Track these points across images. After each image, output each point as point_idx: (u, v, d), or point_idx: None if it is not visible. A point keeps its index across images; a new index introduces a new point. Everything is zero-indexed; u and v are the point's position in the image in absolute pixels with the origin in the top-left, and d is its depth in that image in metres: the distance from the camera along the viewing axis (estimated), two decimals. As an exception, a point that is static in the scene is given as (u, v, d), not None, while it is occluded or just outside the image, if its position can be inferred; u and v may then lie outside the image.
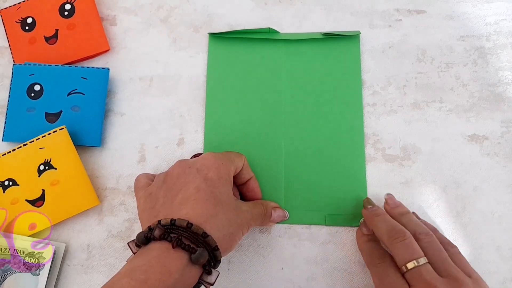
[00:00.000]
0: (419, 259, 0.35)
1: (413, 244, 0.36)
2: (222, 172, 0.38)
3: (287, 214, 0.43)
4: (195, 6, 0.50)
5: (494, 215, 0.43)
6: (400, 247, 0.36)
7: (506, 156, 0.45)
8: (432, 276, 0.34)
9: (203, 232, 0.33)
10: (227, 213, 0.36)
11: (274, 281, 0.43)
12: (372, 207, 0.41)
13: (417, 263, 0.35)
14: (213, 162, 0.38)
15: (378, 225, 0.39)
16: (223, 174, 0.38)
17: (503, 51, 0.48)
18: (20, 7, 0.49)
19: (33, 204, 0.43)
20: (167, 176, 0.38)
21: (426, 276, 0.34)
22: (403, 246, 0.36)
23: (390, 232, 0.37)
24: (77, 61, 0.49)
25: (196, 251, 0.33)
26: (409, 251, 0.35)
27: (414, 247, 0.36)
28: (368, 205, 0.42)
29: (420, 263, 0.35)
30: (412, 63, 0.48)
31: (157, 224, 0.34)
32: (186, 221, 0.33)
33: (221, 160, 0.38)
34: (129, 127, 0.47)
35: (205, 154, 0.39)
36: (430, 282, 0.34)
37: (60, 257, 0.43)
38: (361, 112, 0.46)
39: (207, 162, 0.38)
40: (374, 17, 0.49)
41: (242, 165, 0.41)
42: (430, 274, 0.34)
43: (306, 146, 0.45)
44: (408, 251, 0.35)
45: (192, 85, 0.48)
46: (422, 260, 0.35)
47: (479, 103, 0.46)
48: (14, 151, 0.44)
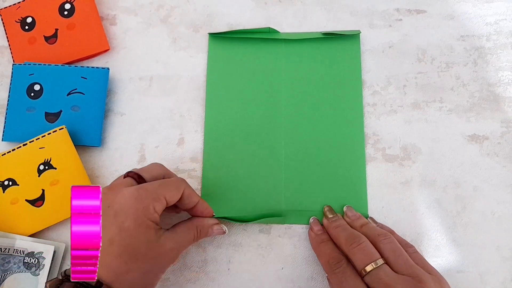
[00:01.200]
0: (377, 260, 0.36)
1: (370, 248, 0.37)
2: (141, 219, 0.34)
3: (226, 230, 0.41)
4: (195, 6, 0.50)
5: (494, 215, 0.43)
6: (357, 252, 0.37)
7: (506, 156, 0.45)
8: (391, 277, 0.35)
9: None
10: (142, 266, 0.34)
11: (274, 281, 0.43)
12: (333, 217, 0.42)
13: (375, 265, 0.36)
14: (132, 206, 0.34)
15: (338, 234, 0.40)
16: (142, 221, 0.34)
17: (503, 51, 0.48)
18: (20, 7, 0.49)
19: (33, 204, 0.43)
20: None
21: (384, 278, 0.35)
22: (360, 251, 0.37)
23: (348, 238, 0.38)
24: (77, 60, 0.49)
25: None
26: (367, 254, 0.37)
27: (371, 251, 0.37)
28: (330, 214, 0.42)
29: (377, 265, 0.36)
30: (412, 63, 0.48)
31: (64, 277, 0.33)
32: (97, 280, 0.32)
33: (143, 202, 0.35)
34: (129, 127, 0.47)
35: (126, 191, 0.35)
36: (389, 283, 0.34)
37: (60, 257, 0.43)
38: (361, 112, 0.46)
39: (125, 205, 0.34)
40: (374, 17, 0.49)
41: (178, 197, 0.37)
42: (388, 275, 0.35)
43: (306, 146, 0.45)
44: (366, 255, 0.37)
45: (192, 85, 0.48)
46: (379, 261, 0.36)
47: (479, 103, 0.46)
48: (14, 151, 0.44)
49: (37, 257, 0.41)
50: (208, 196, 0.44)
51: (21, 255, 0.41)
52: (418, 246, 0.43)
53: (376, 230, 0.39)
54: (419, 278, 0.35)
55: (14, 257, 0.41)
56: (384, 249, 0.37)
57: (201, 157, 0.46)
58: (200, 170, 0.45)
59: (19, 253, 0.41)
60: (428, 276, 0.35)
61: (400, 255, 0.37)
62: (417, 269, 0.36)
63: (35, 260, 0.41)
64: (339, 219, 0.42)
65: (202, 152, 0.46)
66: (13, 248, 0.41)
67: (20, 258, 0.41)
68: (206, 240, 0.44)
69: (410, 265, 0.36)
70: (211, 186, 0.45)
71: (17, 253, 0.41)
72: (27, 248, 0.42)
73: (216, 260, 0.43)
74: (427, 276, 0.35)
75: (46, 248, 0.42)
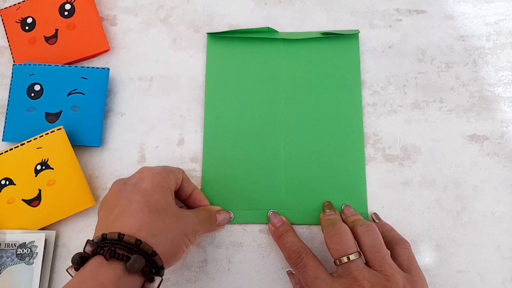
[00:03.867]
0: (351, 254, 0.36)
1: (348, 240, 0.37)
2: (157, 180, 0.37)
3: (232, 214, 0.43)
4: (195, 6, 0.50)
5: (494, 215, 0.43)
6: (335, 242, 0.37)
7: (506, 156, 0.45)
8: (360, 271, 0.35)
9: (136, 240, 0.32)
10: (165, 219, 0.35)
11: (274, 281, 0.43)
12: (330, 211, 0.42)
13: (349, 258, 0.36)
14: (148, 174, 0.37)
15: (324, 223, 0.40)
16: (158, 182, 0.37)
17: (503, 51, 0.48)
18: (20, 7, 0.49)
19: (29, 204, 0.43)
20: (105, 196, 0.38)
21: (354, 271, 0.35)
22: (338, 241, 0.37)
23: (330, 227, 0.39)
24: (77, 61, 0.49)
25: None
26: (343, 245, 0.37)
27: (348, 243, 0.37)
28: (327, 209, 0.42)
29: (350, 259, 0.36)
30: (412, 63, 0.48)
31: (88, 241, 0.33)
32: (117, 233, 0.32)
33: (156, 170, 0.38)
34: (129, 127, 0.47)
35: (141, 169, 0.38)
36: (356, 277, 0.35)
37: (52, 243, 0.43)
38: (360, 112, 0.46)
39: (142, 175, 0.37)
40: (374, 17, 0.49)
41: (181, 176, 0.40)
42: (358, 269, 0.35)
43: (306, 146, 0.45)
44: (342, 246, 0.37)
45: (192, 85, 0.48)
46: (354, 256, 0.36)
47: (479, 103, 0.46)
48: (12, 151, 0.44)
49: (29, 247, 0.42)
50: (208, 196, 0.44)
51: (13, 248, 0.42)
52: (418, 246, 0.43)
53: (362, 221, 0.39)
54: (389, 276, 0.35)
55: (7, 251, 0.42)
56: (364, 242, 0.37)
57: (201, 157, 0.46)
58: (200, 170, 0.45)
59: (11, 246, 0.42)
60: (401, 276, 0.35)
61: (378, 251, 0.37)
62: (391, 268, 0.36)
63: (27, 250, 0.42)
64: (334, 214, 0.42)
65: (202, 152, 0.46)
66: (4, 243, 0.42)
67: (13, 251, 0.42)
68: (206, 239, 0.44)
69: (385, 262, 0.36)
70: (211, 186, 0.45)
71: (9, 247, 0.42)
72: (18, 240, 0.42)
73: (216, 260, 0.43)
74: (399, 276, 0.35)
75: (37, 236, 0.42)
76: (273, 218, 0.42)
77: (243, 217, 0.43)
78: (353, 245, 0.37)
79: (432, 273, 0.42)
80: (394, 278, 0.35)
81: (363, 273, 0.35)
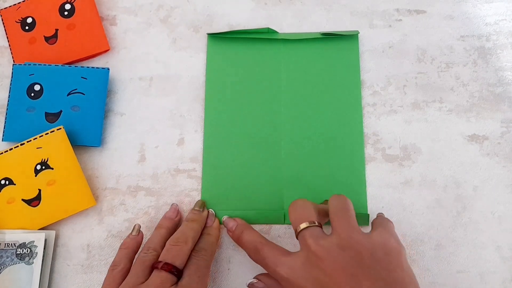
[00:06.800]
0: (308, 221, 0.35)
1: (308, 210, 0.36)
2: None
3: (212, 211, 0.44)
4: (195, 6, 0.50)
5: (494, 215, 0.43)
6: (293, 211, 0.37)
7: (506, 156, 0.45)
8: (313, 237, 0.34)
9: None
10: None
11: (274, 281, 0.43)
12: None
13: (305, 225, 0.35)
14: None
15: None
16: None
17: (503, 51, 0.48)
18: (20, 7, 0.49)
19: (29, 204, 0.43)
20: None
21: (307, 239, 0.34)
22: (297, 210, 0.37)
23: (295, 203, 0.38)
24: (77, 61, 0.49)
25: None
26: (302, 214, 0.36)
27: (308, 213, 0.36)
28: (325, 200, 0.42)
29: (307, 225, 0.35)
30: (412, 63, 0.48)
31: None
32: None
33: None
34: (129, 127, 0.47)
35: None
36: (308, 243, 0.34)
37: (52, 243, 0.43)
38: (360, 112, 0.46)
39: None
40: (374, 17, 0.49)
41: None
42: (312, 236, 0.34)
43: (306, 146, 0.45)
44: (301, 214, 0.36)
45: (192, 85, 0.48)
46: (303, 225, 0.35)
47: (479, 103, 0.46)
48: (11, 150, 0.44)
49: (29, 247, 0.42)
50: (208, 196, 0.44)
51: (13, 247, 0.42)
52: (418, 246, 0.43)
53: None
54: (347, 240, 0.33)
55: (6, 251, 0.42)
56: (330, 207, 0.36)
57: (201, 157, 0.46)
58: (200, 170, 0.45)
59: (10, 246, 0.42)
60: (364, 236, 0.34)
61: (342, 215, 0.35)
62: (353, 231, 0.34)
63: (27, 250, 0.42)
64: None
65: (202, 152, 0.46)
66: (4, 243, 0.42)
67: (12, 251, 0.42)
68: (206, 240, 0.44)
69: (349, 226, 0.34)
70: (211, 186, 0.45)
71: (8, 247, 0.42)
72: (18, 240, 0.42)
73: (216, 260, 0.43)
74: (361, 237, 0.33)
75: (37, 236, 0.42)
76: (227, 223, 0.42)
77: (243, 217, 0.43)
78: (307, 216, 0.36)
79: (432, 273, 0.42)
80: (352, 240, 0.33)
81: (317, 241, 0.33)
